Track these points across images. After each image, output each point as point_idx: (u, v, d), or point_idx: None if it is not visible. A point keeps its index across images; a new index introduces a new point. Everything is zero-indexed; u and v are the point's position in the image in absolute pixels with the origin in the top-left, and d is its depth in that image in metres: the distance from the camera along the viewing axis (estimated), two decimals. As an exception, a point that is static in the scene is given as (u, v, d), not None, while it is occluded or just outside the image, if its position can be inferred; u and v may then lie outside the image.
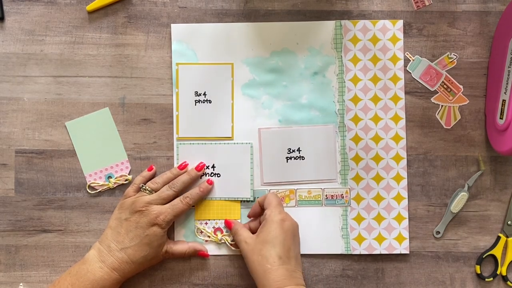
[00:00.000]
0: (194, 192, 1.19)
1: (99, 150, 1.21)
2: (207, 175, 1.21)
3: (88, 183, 1.21)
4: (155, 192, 1.17)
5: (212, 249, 1.21)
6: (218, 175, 1.21)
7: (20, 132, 1.21)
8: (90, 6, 1.21)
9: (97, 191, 1.21)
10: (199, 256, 1.20)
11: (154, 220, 1.13)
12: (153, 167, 1.21)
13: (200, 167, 1.20)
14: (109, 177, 1.21)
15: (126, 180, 1.21)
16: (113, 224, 1.15)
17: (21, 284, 1.21)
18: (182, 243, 1.20)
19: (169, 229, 1.19)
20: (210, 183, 1.20)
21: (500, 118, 1.14)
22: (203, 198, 1.21)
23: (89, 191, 1.21)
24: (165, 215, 1.14)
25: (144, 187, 1.17)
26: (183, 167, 1.19)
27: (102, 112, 1.21)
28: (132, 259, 1.13)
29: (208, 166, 1.21)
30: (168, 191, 1.17)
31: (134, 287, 1.20)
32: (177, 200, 1.17)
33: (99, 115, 1.21)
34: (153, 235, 1.13)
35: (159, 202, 1.16)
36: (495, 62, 1.19)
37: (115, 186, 1.21)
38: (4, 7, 1.22)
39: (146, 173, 1.20)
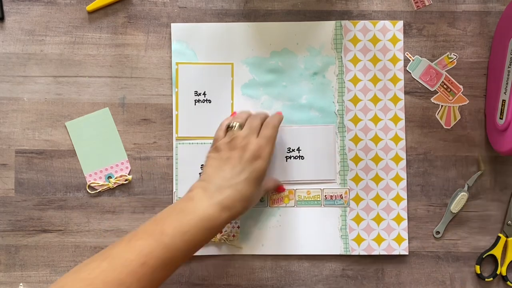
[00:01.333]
0: (274, 116, 1.16)
1: (99, 150, 1.21)
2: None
3: (88, 183, 1.21)
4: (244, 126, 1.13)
5: (212, 250, 1.21)
6: (218, 175, 1.22)
7: (20, 132, 1.21)
8: (90, 6, 1.21)
9: (97, 191, 1.21)
10: (278, 191, 1.22)
11: (257, 153, 1.08)
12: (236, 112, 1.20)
13: None
14: (109, 177, 1.21)
15: (126, 180, 1.21)
16: (214, 164, 1.09)
17: (21, 284, 1.21)
18: (272, 179, 1.20)
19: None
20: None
21: (500, 118, 1.14)
22: (280, 121, 1.17)
23: (89, 191, 1.21)
24: (263, 148, 1.09)
25: (232, 125, 1.13)
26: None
27: (102, 112, 1.21)
28: (244, 195, 1.06)
29: (208, 166, 1.21)
30: (255, 121, 1.12)
31: None
32: (264, 130, 1.12)
33: (99, 115, 1.21)
34: (259, 169, 1.08)
35: (254, 134, 1.11)
36: (495, 62, 1.19)
37: (115, 186, 1.21)
38: (4, 7, 1.22)
39: (230, 117, 1.18)
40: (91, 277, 0.95)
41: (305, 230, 1.20)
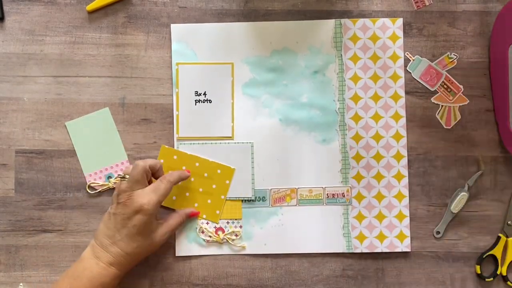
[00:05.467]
0: (174, 172, 1.17)
1: (99, 150, 1.21)
2: (208, 173, 1.22)
3: (88, 183, 1.21)
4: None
5: (213, 249, 1.21)
6: (219, 174, 1.22)
7: (20, 132, 1.21)
8: (90, 6, 1.21)
9: (97, 191, 1.21)
10: (191, 217, 1.21)
11: (138, 209, 1.09)
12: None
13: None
14: (109, 177, 1.21)
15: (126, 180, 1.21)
16: (105, 218, 1.13)
17: (21, 284, 1.21)
18: (173, 217, 1.18)
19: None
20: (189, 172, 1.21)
21: None
22: (182, 178, 1.18)
23: (89, 191, 1.21)
24: (148, 201, 1.10)
25: (121, 175, 1.15)
26: None
27: (102, 112, 1.21)
28: (126, 251, 1.10)
29: (209, 164, 1.22)
30: (136, 167, 1.12)
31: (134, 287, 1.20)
32: (157, 182, 1.13)
33: (99, 115, 1.21)
34: (141, 224, 1.10)
35: (136, 185, 1.11)
36: (496, 67, 1.19)
37: (114, 186, 1.21)
38: (4, 7, 1.22)
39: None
40: None
41: (307, 228, 1.20)
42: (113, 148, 1.21)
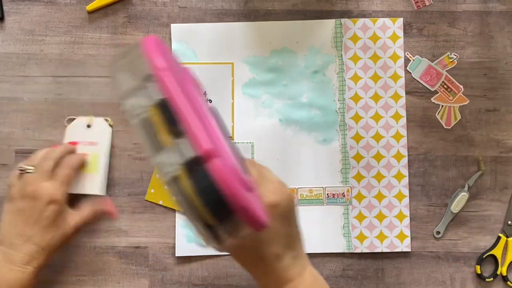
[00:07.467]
0: (73, 156, 1.14)
1: None
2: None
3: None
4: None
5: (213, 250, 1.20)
6: (219, 174, 1.21)
7: (20, 132, 1.21)
8: (90, 6, 1.21)
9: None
10: (107, 216, 1.17)
11: (48, 199, 1.05)
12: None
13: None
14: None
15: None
16: (8, 218, 1.07)
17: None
18: (86, 210, 1.13)
19: (172, 229, 1.20)
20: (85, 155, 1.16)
21: None
22: (82, 161, 1.15)
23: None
24: (57, 190, 1.06)
25: (22, 168, 1.08)
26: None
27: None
28: (42, 246, 1.05)
29: (209, 164, 1.21)
30: (47, 162, 1.08)
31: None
32: (60, 169, 1.10)
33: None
34: (54, 215, 1.05)
35: (44, 177, 1.07)
36: None
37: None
38: (4, 7, 1.22)
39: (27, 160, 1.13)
40: None
41: (307, 228, 1.18)
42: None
